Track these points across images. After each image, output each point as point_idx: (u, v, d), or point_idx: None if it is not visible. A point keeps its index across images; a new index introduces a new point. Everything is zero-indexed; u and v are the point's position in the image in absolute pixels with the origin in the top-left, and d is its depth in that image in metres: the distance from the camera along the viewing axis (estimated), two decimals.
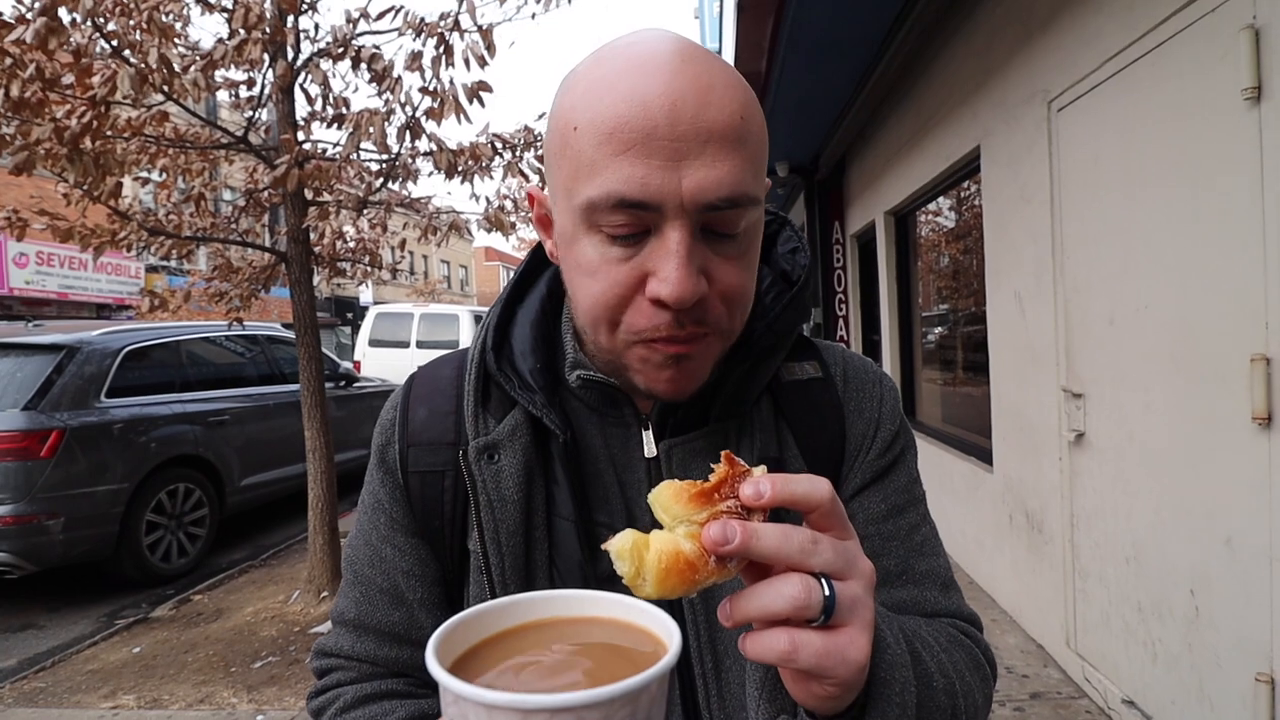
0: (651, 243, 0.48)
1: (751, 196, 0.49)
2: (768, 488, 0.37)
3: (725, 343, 0.55)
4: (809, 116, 5.52)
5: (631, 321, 0.51)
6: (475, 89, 3.09)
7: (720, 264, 0.50)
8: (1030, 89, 2.82)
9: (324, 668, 0.65)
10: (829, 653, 0.36)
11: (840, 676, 0.37)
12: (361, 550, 0.64)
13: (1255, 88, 1.70)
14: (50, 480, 3.90)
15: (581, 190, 0.48)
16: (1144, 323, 2.17)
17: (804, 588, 0.36)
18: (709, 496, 0.37)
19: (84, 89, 3.00)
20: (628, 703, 0.30)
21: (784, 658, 0.36)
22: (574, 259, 0.52)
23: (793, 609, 0.35)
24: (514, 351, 0.61)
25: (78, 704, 3.00)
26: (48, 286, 11.96)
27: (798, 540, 0.36)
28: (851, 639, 0.37)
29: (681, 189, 0.46)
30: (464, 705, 0.30)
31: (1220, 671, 1.89)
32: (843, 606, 0.37)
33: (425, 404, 0.64)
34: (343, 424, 5.82)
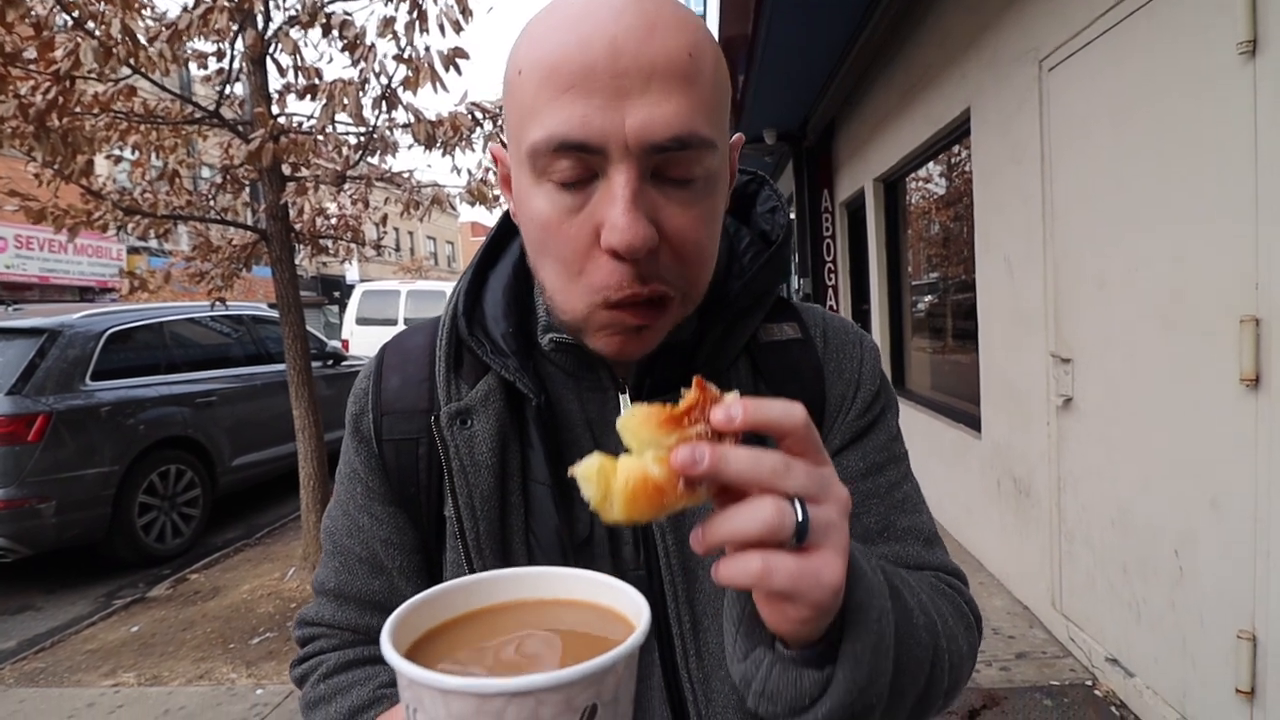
0: (599, 189, 0.46)
1: (703, 138, 0.46)
2: (739, 411, 0.36)
3: (687, 305, 0.53)
4: (796, 81, 5.41)
5: (592, 279, 0.49)
6: (451, 56, 3.00)
7: (673, 213, 0.48)
8: (1021, 47, 2.76)
9: (306, 636, 0.65)
10: (803, 574, 0.35)
11: (814, 598, 0.36)
12: (339, 520, 0.64)
13: (1250, 41, 1.66)
14: (40, 464, 3.88)
15: (526, 136, 0.47)
16: (1134, 285, 2.16)
17: (776, 509, 0.35)
18: (678, 421, 0.36)
19: (47, 64, 2.90)
20: (590, 684, 0.29)
21: (756, 579, 0.35)
22: (527, 213, 0.51)
23: (765, 531, 0.35)
24: (486, 316, 0.60)
25: (78, 683, 3.03)
26: (28, 270, 11.78)
27: (769, 463, 0.36)
28: (825, 561, 0.36)
29: (625, 128, 0.44)
30: (418, 690, 0.29)
31: (1203, 630, 1.92)
32: (816, 529, 0.36)
33: (398, 372, 0.63)
34: (332, 402, 5.78)
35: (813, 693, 0.40)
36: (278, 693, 2.86)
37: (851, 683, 0.40)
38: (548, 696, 0.28)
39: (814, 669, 0.40)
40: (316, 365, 4.88)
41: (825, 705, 0.40)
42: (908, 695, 0.46)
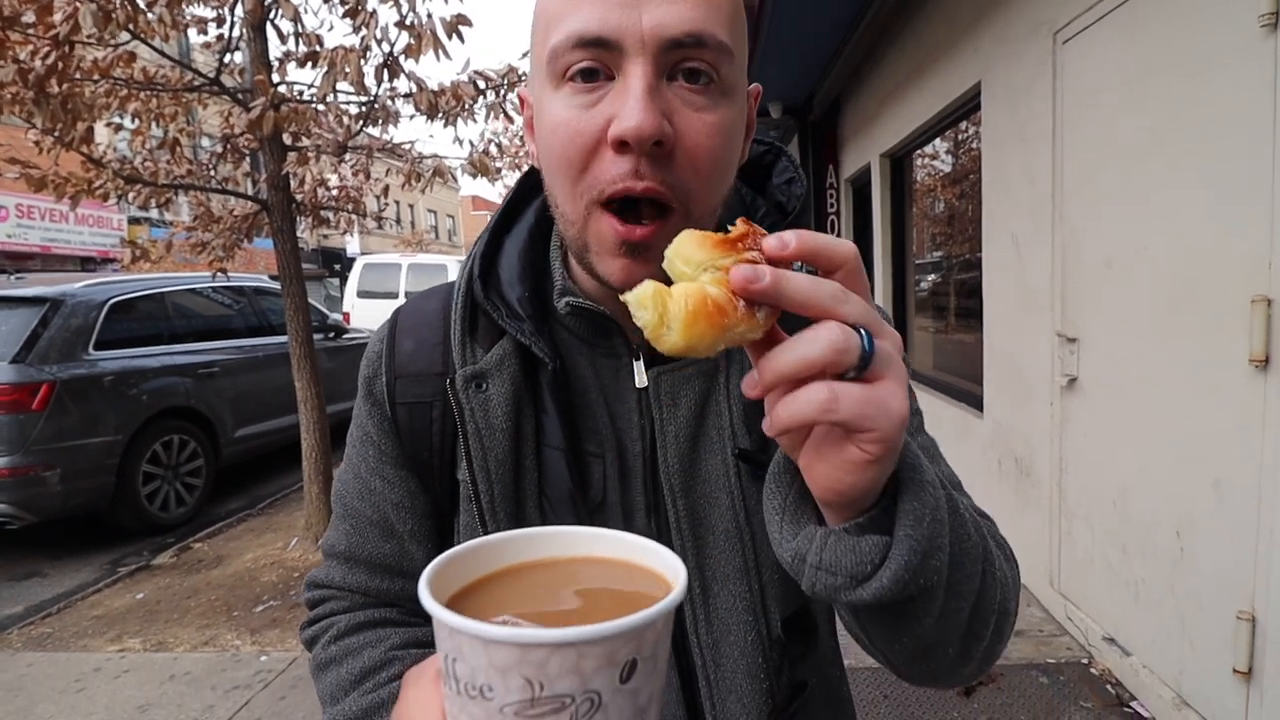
0: (615, 88, 0.47)
1: (720, 41, 0.47)
2: (792, 238, 0.35)
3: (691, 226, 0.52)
4: (803, 54, 5.31)
5: (594, 174, 0.48)
6: (454, 23, 2.94)
7: (688, 115, 0.47)
8: (1035, 20, 2.70)
9: (316, 598, 0.66)
10: (870, 400, 0.34)
11: (882, 430, 0.34)
12: (351, 483, 0.64)
13: (1273, 14, 1.61)
14: (44, 432, 3.90)
15: (548, 42, 0.48)
16: (1142, 265, 2.13)
17: (843, 332, 0.33)
18: (732, 245, 0.35)
19: (46, 28, 2.85)
20: (631, 639, 0.28)
21: (823, 408, 0.33)
22: (543, 125, 0.51)
23: (832, 352, 0.33)
24: (501, 280, 0.60)
25: (85, 648, 3.08)
26: (30, 240, 11.74)
27: (829, 288, 0.34)
28: (890, 390, 0.35)
29: (642, 24, 0.45)
30: (459, 640, 0.29)
31: (1201, 611, 1.93)
32: (880, 356, 0.35)
33: (412, 336, 0.63)
34: (334, 375, 5.80)
35: (874, 558, 0.38)
36: (281, 659, 2.90)
37: (914, 543, 0.38)
38: (590, 649, 0.28)
39: (872, 534, 0.39)
40: (318, 338, 4.88)
41: (890, 569, 0.38)
42: (963, 594, 0.44)
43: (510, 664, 0.28)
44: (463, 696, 0.29)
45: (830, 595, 0.40)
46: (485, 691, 0.28)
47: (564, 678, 0.28)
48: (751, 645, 0.56)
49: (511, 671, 0.28)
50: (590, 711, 0.28)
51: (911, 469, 0.40)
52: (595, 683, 0.28)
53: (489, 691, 0.28)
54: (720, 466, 0.56)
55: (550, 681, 0.28)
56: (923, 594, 0.40)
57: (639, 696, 0.30)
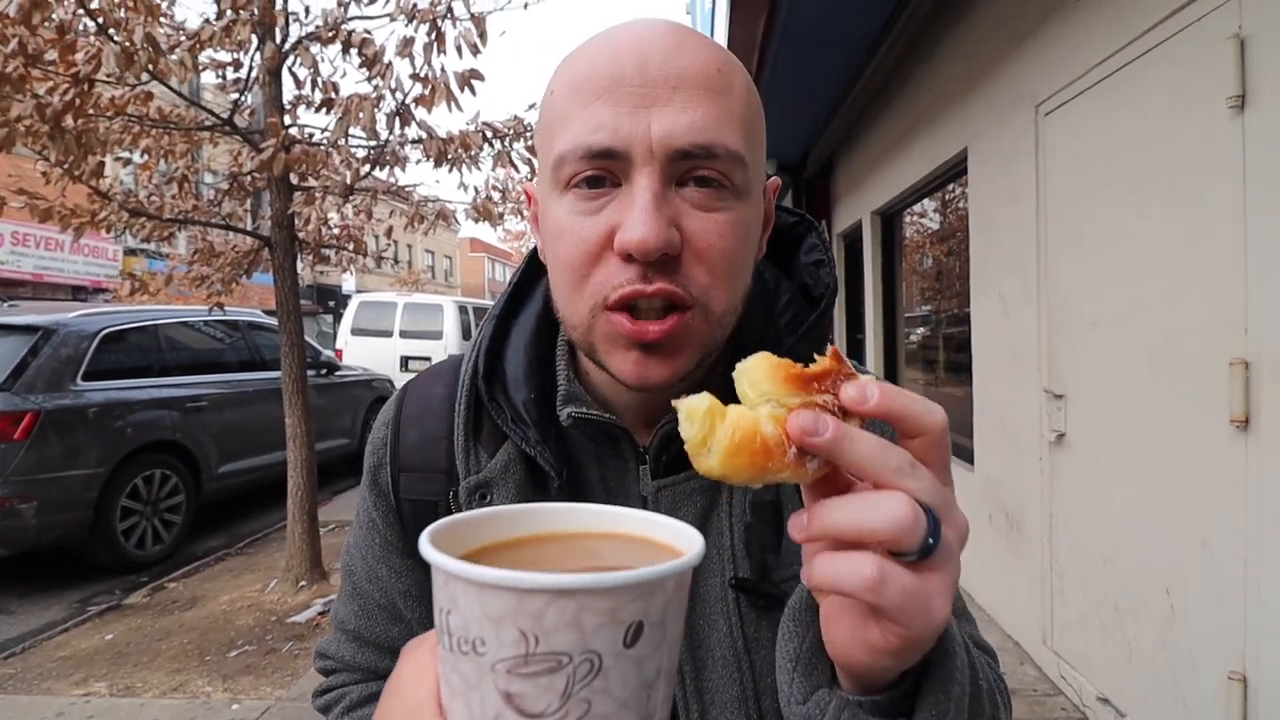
0: (621, 195, 0.46)
1: (730, 150, 0.45)
2: (875, 392, 0.32)
3: (711, 324, 0.48)
4: (798, 114, 5.53)
5: (598, 279, 0.46)
6: (467, 77, 3.06)
7: (698, 219, 0.46)
8: (1019, 93, 2.85)
9: (328, 669, 0.65)
10: (917, 595, 0.31)
11: (916, 627, 0.32)
12: (359, 564, 0.63)
13: (1239, 96, 1.73)
14: (24, 463, 3.82)
15: (554, 147, 0.47)
16: (1126, 326, 2.21)
17: (911, 509, 0.30)
18: (806, 383, 0.33)
19: (67, 66, 2.93)
20: (639, 596, 0.26)
21: (867, 588, 0.30)
22: (548, 228, 0.49)
23: (894, 531, 0.30)
24: (507, 378, 0.57)
25: (48, 691, 2.95)
26: (23, 267, 11.70)
27: (896, 458, 0.32)
28: (939, 589, 0.32)
29: (651, 134, 0.44)
30: (453, 588, 0.27)
31: (1194, 670, 1.93)
32: (942, 549, 0.32)
33: (416, 426, 0.61)
34: (324, 412, 5.76)
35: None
36: (254, 708, 2.79)
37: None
38: (592, 601, 0.25)
39: (888, 718, 0.36)
40: (310, 374, 4.87)
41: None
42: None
43: (505, 613, 0.26)
44: (455, 653, 0.28)
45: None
46: (478, 646, 0.27)
47: (562, 632, 0.26)
48: None
49: (505, 622, 0.26)
50: (589, 675, 0.26)
51: (944, 654, 0.37)
52: (596, 642, 0.26)
53: (481, 646, 0.27)
54: (719, 589, 0.54)
55: (547, 635, 0.26)
56: None
57: (644, 667, 0.27)
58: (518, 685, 0.26)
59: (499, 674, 0.26)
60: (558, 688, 0.26)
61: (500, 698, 0.26)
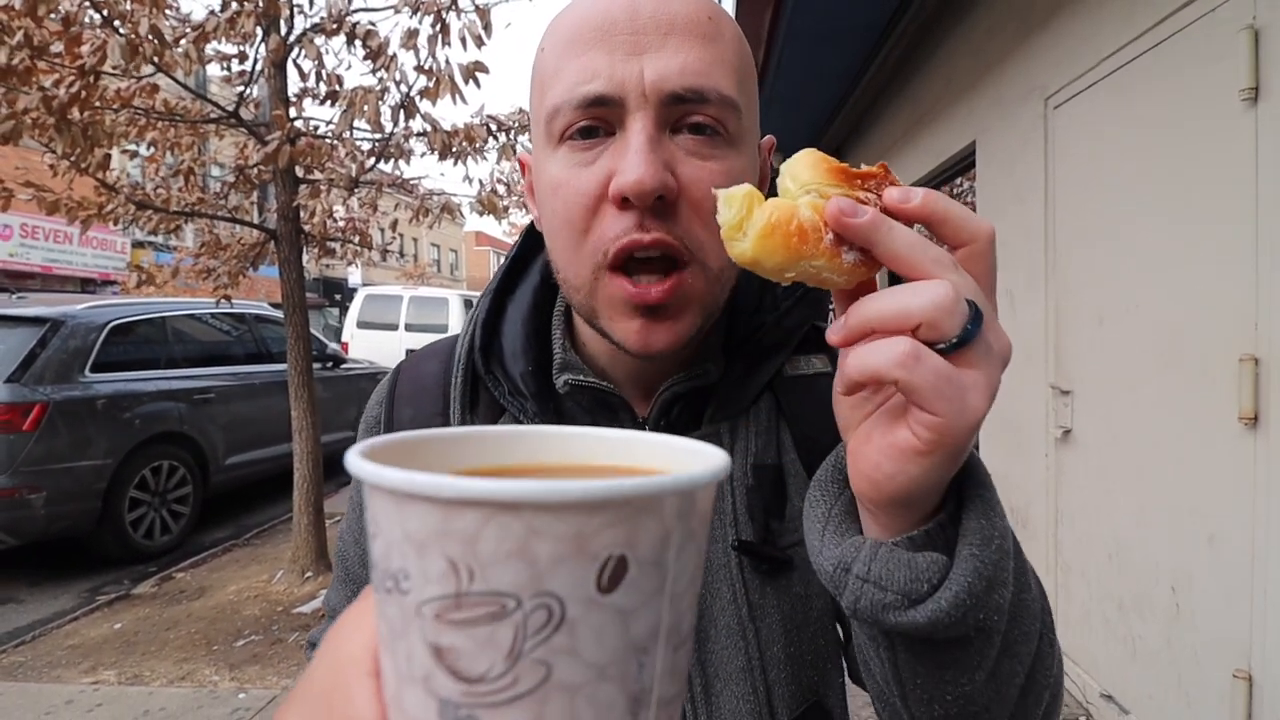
0: (615, 143, 0.45)
1: (724, 94, 0.45)
2: (919, 195, 0.31)
3: (710, 282, 0.47)
4: (805, 109, 5.50)
5: (598, 233, 0.46)
6: (471, 69, 3.05)
7: (693, 166, 0.45)
8: (1028, 86, 2.82)
9: None
10: (951, 379, 0.29)
11: (947, 419, 0.30)
12: (351, 549, 0.63)
13: (1253, 89, 1.70)
14: (33, 454, 3.86)
15: (546, 102, 0.47)
16: (1133, 322, 2.19)
17: (952, 292, 0.29)
18: (850, 178, 0.32)
19: (73, 58, 2.94)
20: (615, 520, 0.19)
21: (899, 363, 0.29)
22: (543, 185, 0.48)
23: (934, 310, 0.29)
24: (504, 351, 0.57)
25: (58, 679, 2.98)
26: (32, 259, 11.78)
27: (936, 252, 0.30)
28: (976, 382, 0.30)
29: (644, 78, 0.43)
30: (375, 502, 0.21)
31: (1199, 668, 1.92)
32: (982, 340, 0.30)
33: (411, 404, 0.60)
34: (330, 405, 5.78)
35: (932, 576, 0.33)
36: (260, 697, 2.82)
37: (980, 565, 0.33)
38: (545, 521, 0.18)
39: (927, 550, 0.34)
40: (316, 367, 4.90)
41: (950, 590, 0.33)
42: (1021, 655, 0.38)
43: (429, 534, 0.19)
44: (379, 592, 0.21)
45: (876, 615, 0.34)
46: (401, 580, 0.20)
47: (505, 565, 0.18)
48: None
49: (431, 548, 0.19)
50: (547, 627, 0.19)
51: (979, 485, 0.35)
52: (555, 581, 0.18)
53: (405, 580, 0.20)
54: (721, 556, 0.53)
55: (484, 569, 0.18)
56: (979, 635, 0.35)
57: (631, 624, 0.20)
58: (449, 636, 0.19)
59: (426, 620, 0.19)
60: (502, 643, 0.19)
61: (429, 652, 0.19)
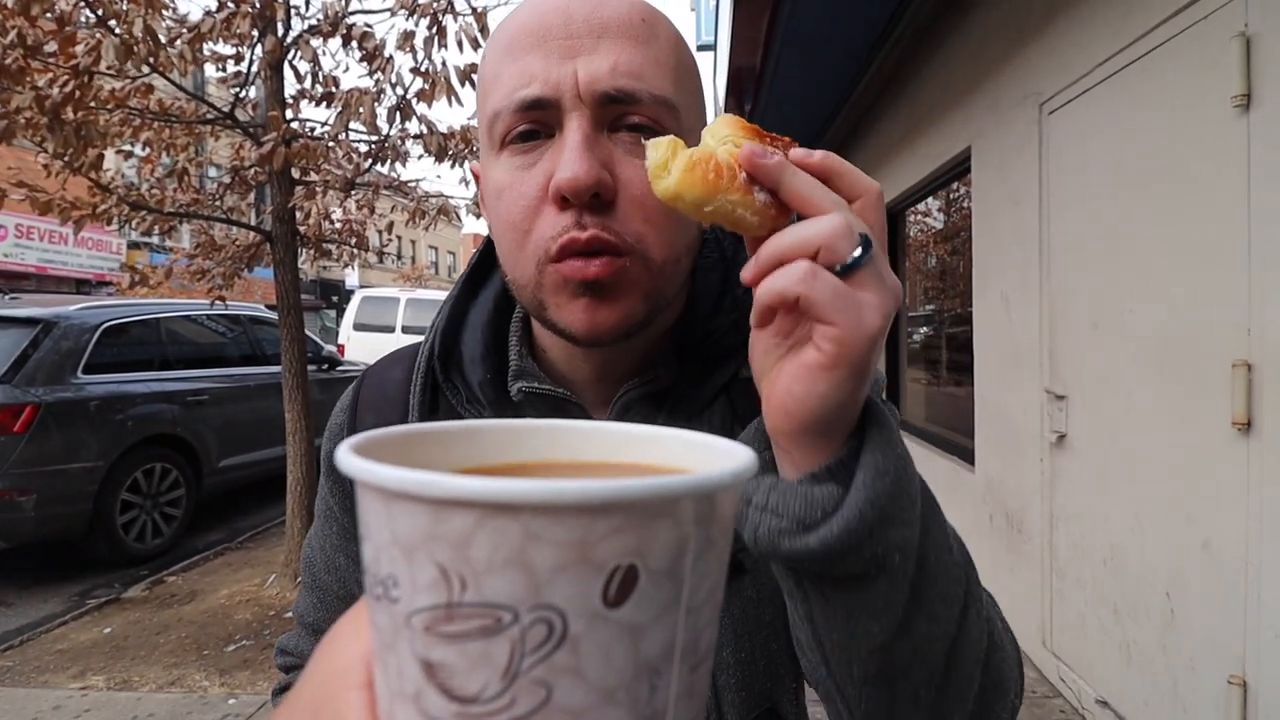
0: (554, 144, 0.47)
1: (659, 95, 0.46)
2: (820, 153, 0.36)
3: (652, 273, 0.48)
4: (801, 113, 5.51)
5: (538, 233, 0.47)
6: (468, 71, 3.05)
7: (630, 165, 0.46)
8: (1023, 91, 2.83)
9: (288, 665, 0.64)
10: (846, 295, 0.33)
11: (846, 330, 0.33)
12: (318, 555, 0.63)
13: (1244, 95, 1.71)
14: (23, 456, 3.83)
15: (488, 107, 0.48)
16: (1127, 327, 2.19)
17: (844, 221, 0.33)
18: (761, 136, 0.36)
19: (67, 58, 2.93)
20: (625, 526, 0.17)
21: (800, 280, 0.33)
22: (488, 190, 0.50)
23: (830, 235, 0.33)
24: (464, 359, 0.57)
25: (45, 684, 2.95)
26: (26, 260, 11.73)
27: (834, 195, 0.35)
28: (870, 301, 0.34)
29: (577, 79, 0.45)
30: (364, 501, 0.20)
31: (1194, 674, 1.92)
32: (873, 265, 0.34)
33: (373, 411, 0.60)
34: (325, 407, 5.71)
35: (826, 505, 0.35)
36: (250, 703, 2.79)
37: (872, 494, 0.34)
38: (544, 525, 0.17)
39: (826, 483, 0.36)
40: (311, 369, 4.87)
41: (841, 516, 0.34)
42: (939, 618, 0.38)
43: (418, 538, 0.18)
44: (369, 598, 0.20)
45: (772, 542, 0.36)
46: (390, 588, 0.19)
47: (500, 574, 0.17)
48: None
49: (420, 553, 0.18)
50: (547, 644, 0.17)
51: (879, 424, 0.37)
52: (555, 593, 0.17)
53: (394, 587, 0.18)
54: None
55: (478, 577, 0.17)
56: (881, 575, 0.36)
57: (642, 641, 0.18)
58: (440, 652, 0.18)
59: (415, 631, 0.18)
60: (498, 660, 0.17)
61: (419, 669, 0.18)
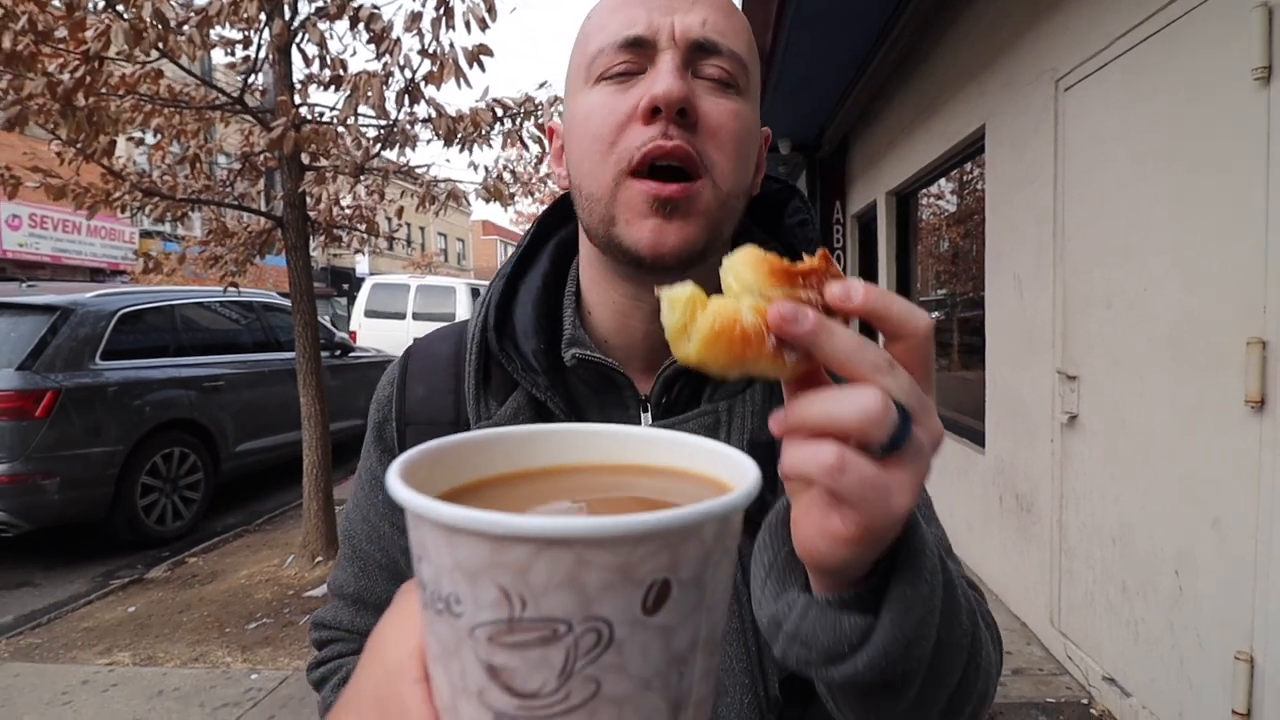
0: (646, 76, 0.52)
1: (736, 54, 0.53)
2: (860, 291, 0.32)
3: (719, 200, 0.53)
4: (813, 93, 5.44)
5: (624, 144, 0.52)
6: (475, 53, 3.03)
7: (710, 101, 0.52)
8: (1038, 68, 2.78)
9: (323, 639, 0.65)
10: (876, 484, 0.31)
11: (874, 517, 0.32)
12: (359, 525, 0.64)
13: (1266, 67, 1.68)
14: (45, 440, 3.90)
15: (590, 48, 0.54)
16: (1142, 306, 2.17)
17: (881, 402, 0.30)
18: (792, 279, 0.33)
19: (77, 43, 2.94)
20: (660, 549, 0.20)
21: (825, 472, 0.31)
22: (576, 121, 0.55)
23: (861, 421, 0.30)
24: (516, 330, 0.60)
25: (73, 660, 3.04)
26: (41, 249, 11.85)
27: (874, 355, 0.32)
28: (901, 484, 0.32)
29: (674, 27, 0.52)
30: (421, 529, 0.22)
31: (1201, 651, 1.93)
32: (910, 447, 0.32)
33: (423, 381, 0.63)
34: (338, 393, 5.81)
35: (853, 639, 0.36)
36: (272, 678, 2.86)
37: (898, 630, 0.36)
38: (593, 554, 0.20)
39: (855, 613, 0.37)
40: (324, 355, 4.92)
41: (867, 653, 0.36)
42: (944, 683, 0.41)
43: (480, 565, 0.20)
44: (429, 611, 0.23)
45: (801, 669, 0.38)
46: (453, 604, 0.21)
47: (556, 593, 0.20)
48: (748, 708, 0.53)
49: (482, 578, 0.20)
50: (596, 648, 0.21)
51: (911, 553, 0.37)
52: (604, 607, 0.20)
53: (457, 605, 0.21)
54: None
55: (536, 597, 0.20)
56: (901, 680, 0.38)
57: (673, 639, 0.22)
58: (502, 657, 0.21)
59: (479, 641, 0.21)
60: (554, 663, 0.21)
61: (483, 670, 0.21)
